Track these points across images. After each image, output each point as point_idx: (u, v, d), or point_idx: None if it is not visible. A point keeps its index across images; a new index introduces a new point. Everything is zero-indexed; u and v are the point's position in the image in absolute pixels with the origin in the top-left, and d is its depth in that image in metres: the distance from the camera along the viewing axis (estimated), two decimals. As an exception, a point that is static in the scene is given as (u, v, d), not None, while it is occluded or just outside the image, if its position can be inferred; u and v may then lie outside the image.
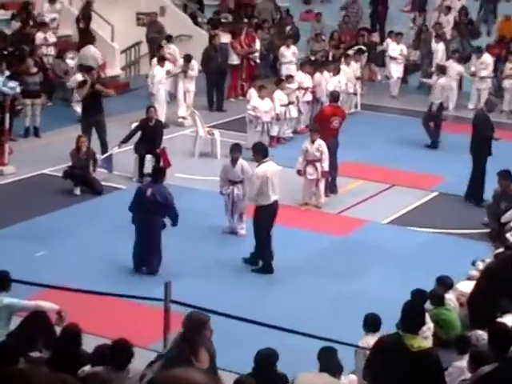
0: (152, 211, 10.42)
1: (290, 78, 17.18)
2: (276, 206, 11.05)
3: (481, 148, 13.52)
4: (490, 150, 13.55)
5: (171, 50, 19.28)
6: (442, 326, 8.45)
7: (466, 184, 13.82)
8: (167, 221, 10.69)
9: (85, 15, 19.71)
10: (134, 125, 14.56)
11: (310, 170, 13.20)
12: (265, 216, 10.96)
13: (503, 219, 11.99)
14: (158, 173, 11.01)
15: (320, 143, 13.09)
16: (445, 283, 9.02)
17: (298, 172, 13.28)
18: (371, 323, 7.86)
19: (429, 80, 18.59)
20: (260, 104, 15.57)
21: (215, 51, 18.97)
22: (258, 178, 10.85)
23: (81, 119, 15.12)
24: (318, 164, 13.15)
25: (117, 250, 10.71)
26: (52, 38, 18.73)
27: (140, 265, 10.65)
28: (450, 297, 8.98)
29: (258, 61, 20.48)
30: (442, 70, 17.84)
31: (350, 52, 19.77)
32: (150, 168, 13.94)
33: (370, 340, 7.35)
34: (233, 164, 11.84)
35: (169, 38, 19.62)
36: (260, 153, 11.06)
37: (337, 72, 17.81)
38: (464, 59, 20.21)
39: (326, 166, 13.17)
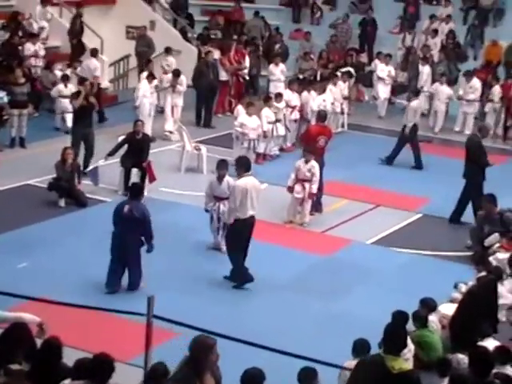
0: (130, 228, 10.36)
1: (278, 96, 17.23)
2: (253, 220, 11.01)
3: (475, 173, 13.52)
4: (484, 174, 13.57)
5: (169, 61, 19.41)
6: (424, 347, 8.46)
7: (452, 206, 13.87)
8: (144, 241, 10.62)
9: (76, 27, 19.76)
10: (121, 138, 14.56)
11: (297, 188, 13.23)
12: (240, 229, 10.94)
13: (486, 243, 12.04)
14: (136, 189, 10.95)
15: (313, 165, 13.14)
16: (428, 305, 9.04)
17: (288, 188, 13.33)
18: (360, 348, 7.79)
19: (402, 101, 18.76)
20: (247, 121, 15.62)
21: (207, 67, 19.03)
22: (239, 190, 10.84)
23: (72, 131, 15.03)
24: (306, 184, 13.18)
25: (100, 263, 10.65)
26: (41, 51, 18.75)
27: (112, 284, 10.54)
28: (432, 319, 9.01)
29: (246, 77, 20.58)
30: (416, 93, 18.00)
31: (338, 74, 19.87)
32: (135, 181, 13.95)
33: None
34: (219, 181, 11.84)
35: (168, 50, 19.73)
36: (243, 166, 11.09)
37: (322, 91, 17.90)
38: (451, 82, 20.35)
39: (314, 187, 13.20)
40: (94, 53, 18.80)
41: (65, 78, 17.76)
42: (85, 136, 14.68)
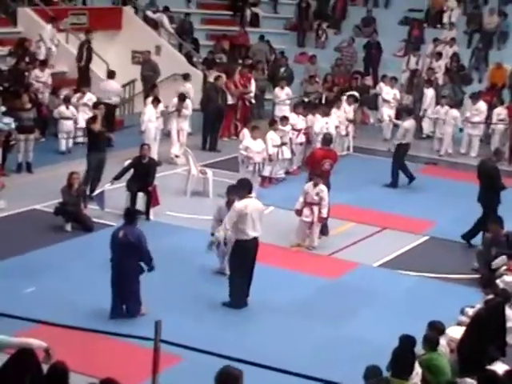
0: (126, 253, 10.30)
1: (284, 119, 17.26)
2: (256, 242, 10.95)
3: (490, 197, 13.33)
4: (499, 198, 13.38)
5: (187, 87, 19.52)
6: (433, 371, 8.40)
7: (458, 229, 13.82)
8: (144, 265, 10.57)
9: (84, 53, 19.91)
10: (127, 162, 14.60)
11: (306, 211, 13.20)
12: (243, 251, 10.88)
13: (493, 265, 12.01)
14: (130, 214, 10.84)
15: (322, 189, 13.14)
16: (437, 328, 8.98)
17: (296, 211, 13.31)
18: (372, 375, 7.66)
19: (397, 121, 18.83)
20: (252, 144, 15.60)
21: (216, 92, 19.10)
22: (237, 211, 10.78)
23: (87, 155, 14.88)
24: (315, 207, 13.15)
25: (107, 288, 10.65)
26: (49, 80, 18.89)
27: (116, 311, 10.51)
28: (441, 342, 8.96)
29: (252, 101, 20.66)
30: (409, 113, 18.04)
31: (343, 97, 19.90)
32: (141, 206, 13.98)
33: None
34: (228, 206, 11.74)
35: (186, 76, 19.85)
36: (245, 188, 11.03)
37: (325, 114, 17.92)
38: (455, 105, 20.35)
39: (324, 211, 13.18)
40: (112, 75, 18.98)
41: (66, 100, 17.95)
42: (101, 161, 14.73)
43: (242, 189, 11.07)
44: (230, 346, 9.19)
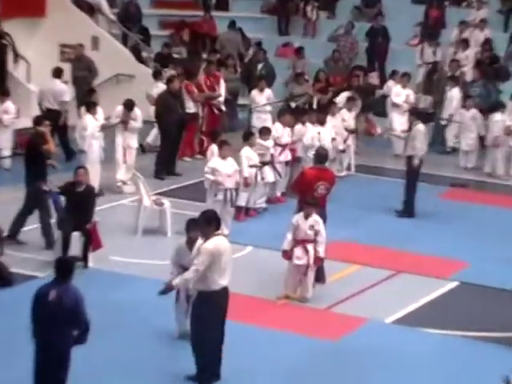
0: (57, 321, 10.10)
1: (265, 131, 17.28)
2: (225, 293, 10.80)
3: None
4: None
5: (160, 88, 19.56)
6: None
7: (496, 270, 13.92)
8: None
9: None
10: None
11: (298, 252, 13.21)
12: (209, 306, 10.80)
13: None
14: (64, 269, 10.47)
15: (317, 220, 13.17)
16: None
17: (284, 253, 13.33)
18: None
19: (398, 134, 18.98)
20: (221, 165, 15.55)
21: (174, 99, 19.09)
22: (210, 254, 10.62)
23: (33, 186, 14.85)
24: (309, 246, 13.21)
25: (31, 359, 10.62)
26: None
27: None
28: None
29: (223, 108, 20.72)
30: (426, 119, 18.21)
31: (340, 100, 20.01)
32: (78, 249, 13.96)
33: None
34: (189, 245, 11.72)
35: (156, 75, 20.04)
36: (212, 223, 10.82)
37: (318, 122, 17.98)
38: (489, 109, 20.45)
39: (321, 250, 13.21)
40: (58, 73, 19.08)
41: None
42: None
43: (205, 224, 10.88)
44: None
